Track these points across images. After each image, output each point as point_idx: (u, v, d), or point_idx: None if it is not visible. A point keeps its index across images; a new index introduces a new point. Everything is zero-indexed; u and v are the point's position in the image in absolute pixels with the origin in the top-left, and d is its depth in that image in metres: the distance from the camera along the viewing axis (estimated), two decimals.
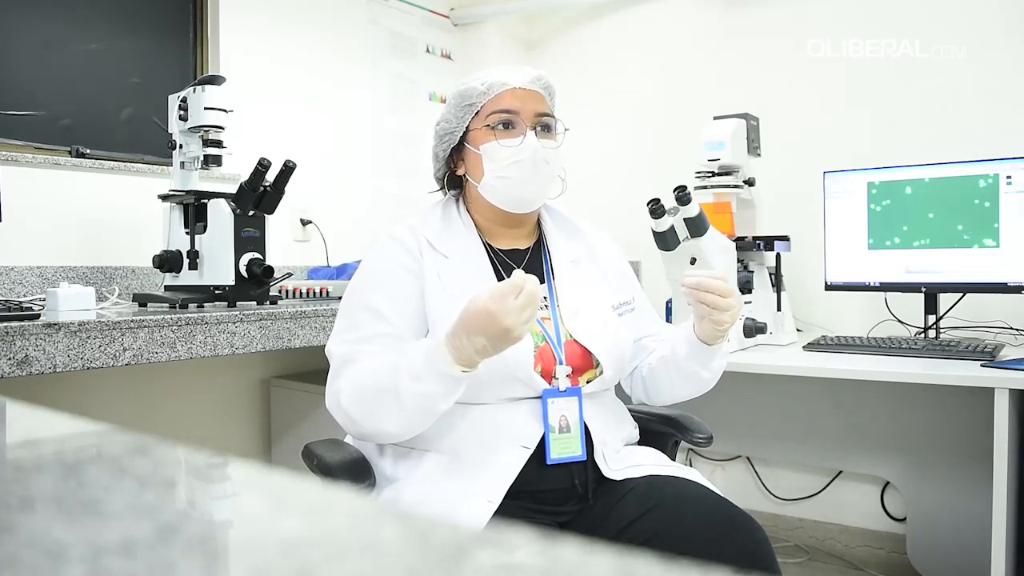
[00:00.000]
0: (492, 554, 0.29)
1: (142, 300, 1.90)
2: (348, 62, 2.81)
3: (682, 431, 1.41)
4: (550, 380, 1.20)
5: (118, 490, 0.39)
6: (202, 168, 1.97)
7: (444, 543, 0.31)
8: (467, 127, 1.28)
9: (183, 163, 1.98)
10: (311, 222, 2.63)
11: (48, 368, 1.35)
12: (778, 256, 2.32)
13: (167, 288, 1.96)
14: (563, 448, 1.17)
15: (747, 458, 2.73)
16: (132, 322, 1.48)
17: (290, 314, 1.78)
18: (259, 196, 1.89)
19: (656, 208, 1.85)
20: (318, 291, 2.21)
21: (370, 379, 1.13)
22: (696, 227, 1.89)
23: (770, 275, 2.32)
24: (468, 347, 1.04)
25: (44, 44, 2.11)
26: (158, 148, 2.16)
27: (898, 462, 2.30)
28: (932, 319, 2.17)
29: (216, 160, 1.95)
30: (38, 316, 1.40)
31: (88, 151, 2.14)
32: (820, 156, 2.52)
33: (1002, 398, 1.62)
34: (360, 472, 1.20)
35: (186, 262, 1.89)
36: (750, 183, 2.36)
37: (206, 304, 1.83)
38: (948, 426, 2.20)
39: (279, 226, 2.27)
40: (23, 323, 1.33)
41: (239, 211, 1.88)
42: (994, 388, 1.63)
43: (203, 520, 0.38)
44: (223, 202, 1.89)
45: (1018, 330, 2.18)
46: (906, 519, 2.37)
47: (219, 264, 1.87)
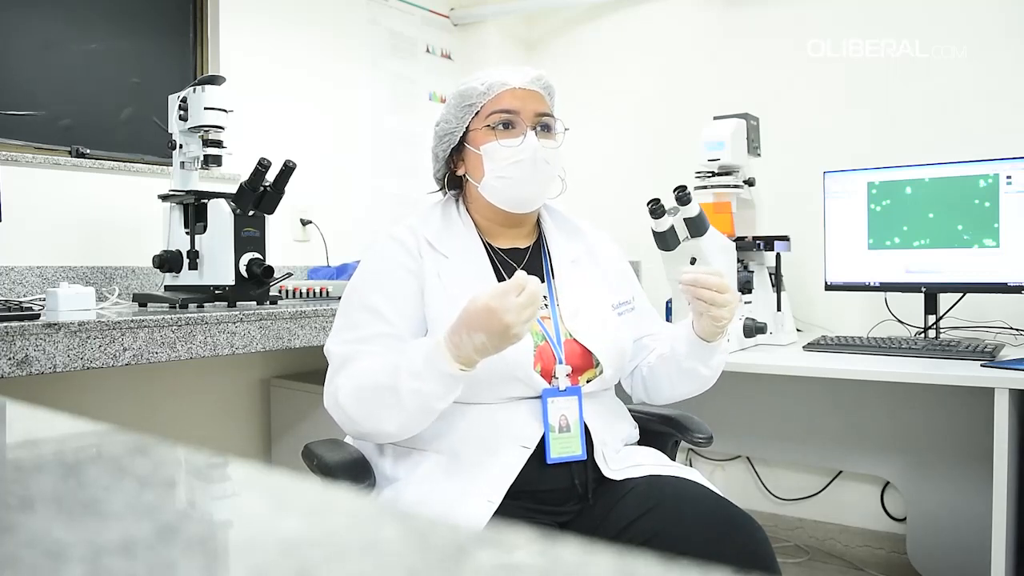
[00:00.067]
0: (492, 554, 0.29)
1: (142, 300, 1.90)
2: (348, 62, 2.81)
3: (682, 431, 1.41)
4: (550, 379, 1.20)
5: (118, 490, 0.39)
6: (202, 168, 1.97)
7: (444, 543, 0.31)
8: (467, 127, 1.29)
9: (183, 163, 1.98)
10: (311, 222, 2.63)
11: (48, 368, 1.35)
12: (778, 256, 2.32)
13: (167, 288, 1.96)
14: (563, 448, 1.17)
15: (747, 458, 2.73)
16: (132, 322, 1.48)
17: (290, 314, 1.78)
18: (259, 196, 1.89)
19: (656, 208, 1.85)
20: (318, 291, 2.21)
21: (369, 378, 1.13)
22: (696, 227, 1.89)
23: (770, 275, 2.32)
24: (468, 345, 1.04)
25: (44, 44, 2.11)
26: (158, 148, 2.16)
27: (898, 462, 2.30)
28: (932, 319, 2.17)
29: (216, 160, 1.95)
30: (38, 316, 1.41)
31: (88, 151, 2.14)
32: (820, 156, 2.52)
33: (1002, 398, 1.62)
34: (360, 472, 1.20)
35: (186, 262, 1.89)
36: (750, 183, 2.36)
37: (206, 304, 1.83)
38: (948, 426, 2.20)
39: (279, 226, 2.28)
40: (23, 323, 1.33)
41: (239, 211, 1.88)
42: (994, 388, 1.63)
43: (203, 520, 0.38)
44: (223, 202, 1.89)
45: (1018, 330, 2.18)
46: (906, 519, 2.37)
47: (219, 264, 1.87)
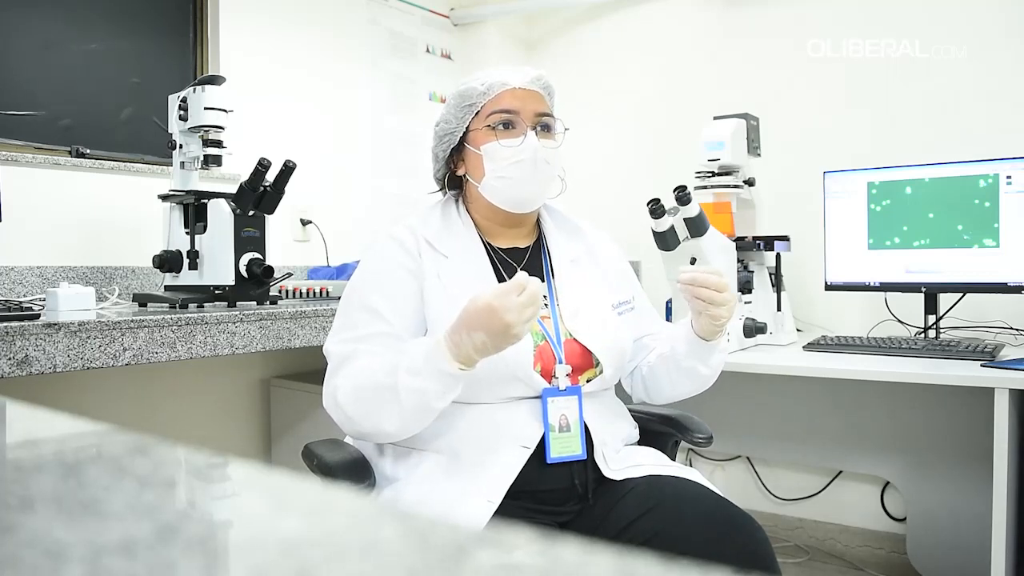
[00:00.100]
0: (492, 554, 0.29)
1: (142, 300, 1.90)
2: (348, 62, 2.81)
3: (682, 431, 1.41)
4: (550, 379, 1.20)
5: (118, 490, 0.39)
6: (202, 168, 1.97)
7: (444, 543, 0.31)
8: (467, 127, 1.29)
9: (183, 163, 1.98)
10: (311, 222, 2.63)
11: (48, 368, 1.35)
12: (778, 256, 2.32)
13: (167, 288, 1.96)
14: (563, 447, 1.17)
15: (747, 458, 2.73)
16: (132, 322, 1.48)
17: (290, 314, 1.78)
18: (259, 196, 1.89)
19: (656, 208, 1.85)
20: (318, 291, 2.21)
21: (368, 377, 1.13)
22: (696, 227, 1.88)
23: (770, 275, 2.32)
24: (467, 343, 1.04)
25: (44, 44, 2.11)
26: (158, 148, 2.16)
27: (898, 462, 2.30)
28: (932, 319, 2.17)
29: (216, 160, 1.95)
30: (38, 316, 1.41)
31: (88, 151, 2.14)
32: (820, 156, 2.52)
33: (1002, 398, 1.62)
34: (360, 472, 1.20)
35: (186, 262, 1.89)
36: (750, 183, 2.36)
37: (206, 304, 1.83)
38: (948, 426, 2.20)
39: (279, 226, 2.28)
40: (23, 323, 1.33)
41: (239, 211, 1.88)
42: (994, 388, 1.63)
43: (203, 520, 0.38)
44: (223, 202, 1.89)
45: (1018, 330, 2.18)
46: (906, 519, 2.37)
47: (219, 264, 1.87)
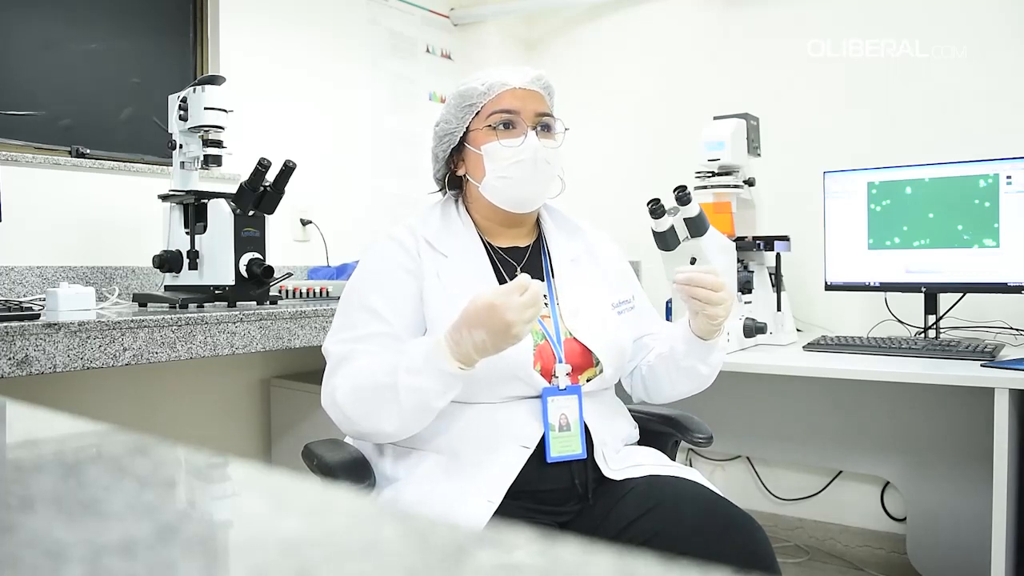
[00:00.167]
0: (492, 554, 0.29)
1: (142, 300, 1.90)
2: (348, 62, 2.81)
3: (682, 431, 1.41)
4: (550, 378, 1.20)
5: (118, 490, 0.39)
6: (202, 168, 1.97)
7: (444, 543, 0.31)
8: (467, 127, 1.29)
9: (183, 163, 1.98)
10: (311, 222, 2.63)
11: (48, 368, 1.35)
12: (778, 256, 2.32)
13: (167, 288, 1.96)
14: (563, 446, 1.17)
15: (747, 458, 2.73)
16: (132, 322, 1.48)
17: (290, 314, 1.78)
18: (259, 196, 1.89)
19: (656, 208, 1.85)
20: (318, 291, 2.21)
21: (367, 377, 1.13)
22: (696, 227, 1.88)
23: (770, 275, 2.32)
24: (468, 342, 1.05)
25: (44, 44, 2.11)
26: (158, 148, 2.16)
27: (898, 462, 2.30)
28: (932, 319, 2.17)
29: (216, 160, 1.95)
30: (38, 316, 1.41)
31: (88, 151, 2.14)
32: (820, 156, 2.52)
33: (1002, 398, 1.62)
34: (360, 472, 1.20)
35: (186, 262, 1.89)
36: (750, 183, 2.36)
37: (206, 304, 1.83)
38: (948, 426, 2.20)
39: (279, 226, 2.27)
40: (23, 323, 1.33)
41: (239, 211, 1.88)
42: (994, 388, 1.63)
43: (203, 520, 0.38)
44: (223, 202, 1.89)
45: (1018, 330, 2.18)
46: (906, 519, 2.37)
47: (219, 264, 1.87)
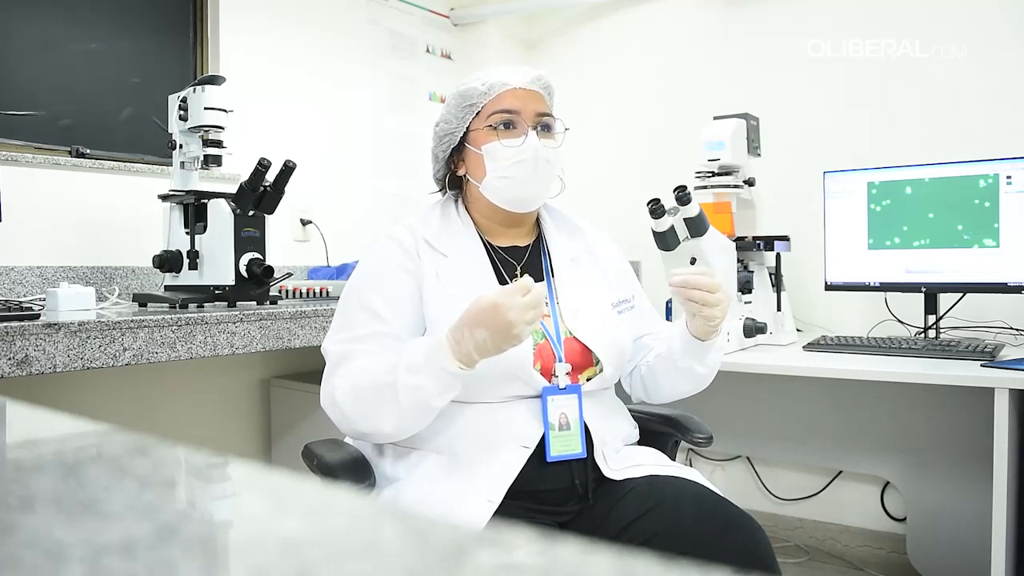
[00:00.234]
0: (492, 554, 0.29)
1: (142, 300, 1.90)
2: (348, 62, 2.81)
3: (682, 431, 1.41)
4: (550, 378, 1.20)
5: (118, 490, 0.39)
6: (202, 168, 1.97)
7: (444, 543, 0.31)
8: (468, 127, 1.29)
9: (183, 163, 1.98)
10: (311, 222, 2.63)
11: (48, 368, 1.35)
12: (778, 256, 2.32)
13: (167, 288, 1.96)
14: (563, 446, 1.17)
15: (747, 458, 2.73)
16: (132, 322, 1.48)
17: (290, 314, 1.78)
18: (259, 196, 1.89)
19: (656, 208, 1.85)
20: (318, 291, 2.21)
21: (367, 377, 1.13)
22: (696, 227, 1.88)
23: (770, 275, 2.32)
24: (469, 341, 1.05)
25: (44, 44, 2.11)
26: (158, 148, 2.16)
27: (898, 462, 2.30)
28: (932, 319, 2.17)
29: (216, 160, 1.95)
30: (38, 316, 1.40)
31: (88, 151, 2.14)
32: (820, 156, 2.52)
33: (1002, 398, 1.62)
34: (360, 472, 1.20)
35: (186, 262, 1.89)
36: (750, 183, 2.36)
37: (206, 304, 1.83)
38: (948, 426, 2.20)
39: (279, 226, 2.27)
40: (23, 323, 1.33)
41: (239, 211, 1.88)
42: (994, 388, 1.63)
43: (203, 520, 0.38)
44: (223, 202, 1.89)
45: (1018, 330, 2.18)
46: (906, 519, 2.37)
47: (219, 264, 1.87)
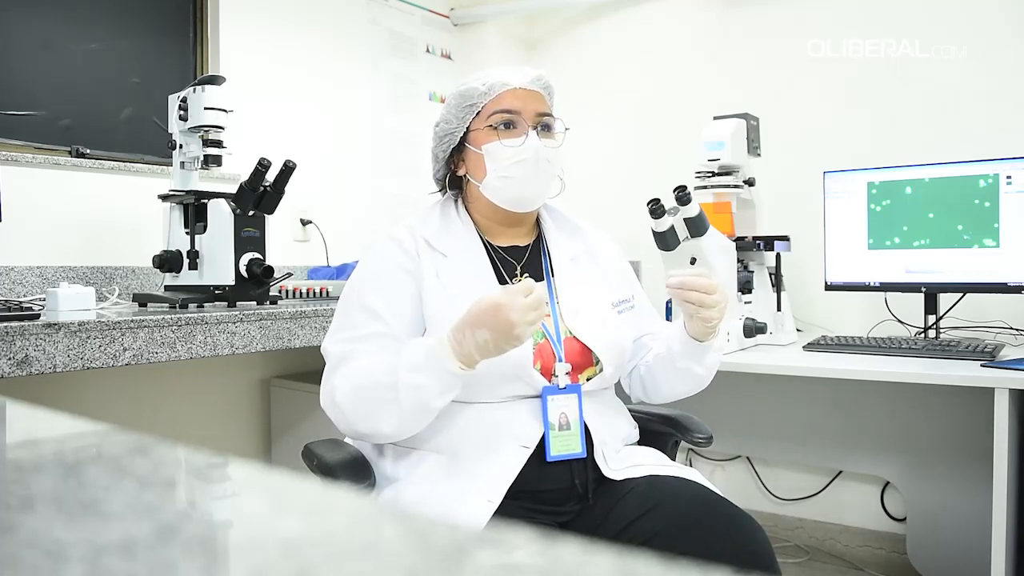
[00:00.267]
0: (492, 554, 0.29)
1: (142, 300, 1.90)
2: (348, 62, 2.81)
3: (682, 431, 1.41)
4: (549, 378, 1.20)
5: (118, 490, 0.39)
6: (202, 168, 1.97)
7: (444, 543, 0.31)
8: (468, 127, 1.29)
9: (183, 163, 1.98)
10: (311, 222, 2.63)
11: (48, 368, 1.35)
12: (778, 256, 2.32)
13: (167, 288, 1.96)
14: (563, 445, 1.17)
15: (747, 458, 2.73)
16: (132, 322, 1.48)
17: (290, 314, 1.78)
18: (259, 196, 1.89)
19: (656, 208, 1.85)
20: (318, 291, 2.21)
21: (367, 377, 1.13)
22: (696, 227, 1.88)
23: (770, 275, 2.32)
24: (470, 341, 1.05)
25: (44, 44, 2.11)
26: (158, 148, 2.16)
27: (898, 462, 2.30)
28: (932, 319, 2.17)
29: (216, 160, 1.95)
30: (38, 316, 1.41)
31: (88, 151, 2.14)
32: (820, 156, 2.52)
33: (1002, 398, 1.62)
34: (360, 472, 1.20)
35: (186, 262, 1.89)
36: (750, 183, 2.36)
37: (206, 304, 1.83)
38: (948, 426, 2.20)
39: (279, 226, 2.27)
40: (23, 323, 1.33)
41: (239, 211, 1.88)
42: (994, 388, 1.63)
43: (203, 520, 0.38)
44: (223, 202, 1.89)
45: (1018, 330, 2.18)
46: (906, 519, 2.37)
47: (219, 264, 1.87)
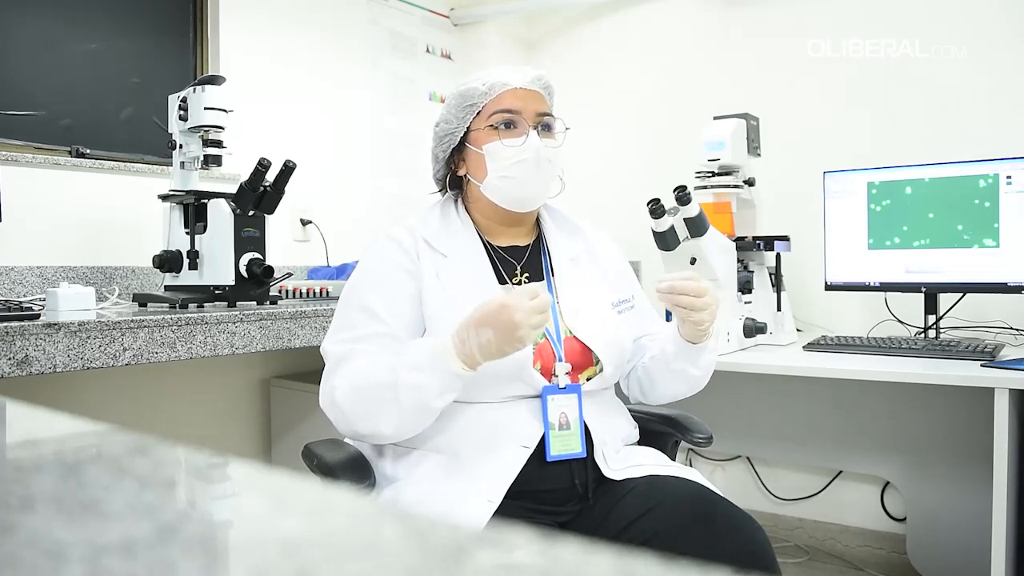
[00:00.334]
0: (492, 554, 0.29)
1: (142, 300, 1.90)
2: (348, 62, 2.81)
3: (682, 431, 1.41)
4: (549, 377, 1.20)
5: (118, 490, 0.39)
6: (202, 168, 1.97)
7: (444, 543, 0.31)
8: (468, 127, 1.29)
9: (183, 163, 1.98)
10: (311, 222, 2.63)
11: (48, 368, 1.35)
12: (778, 256, 2.32)
13: (167, 288, 1.96)
14: (563, 445, 1.17)
15: (747, 458, 2.73)
16: (132, 322, 1.48)
17: (290, 314, 1.78)
18: (259, 196, 1.89)
19: (656, 208, 1.85)
20: (318, 291, 2.21)
21: (367, 377, 1.13)
22: (696, 227, 1.88)
23: (770, 275, 2.32)
24: (473, 341, 1.05)
25: (44, 44, 2.11)
26: (158, 148, 2.16)
27: (898, 462, 2.30)
28: (932, 319, 2.17)
29: (216, 160, 1.95)
30: (38, 316, 1.41)
31: (88, 151, 2.14)
32: (820, 156, 2.52)
33: (1002, 398, 1.62)
34: (360, 472, 1.20)
35: (186, 262, 1.89)
36: (750, 183, 2.36)
37: (206, 304, 1.83)
38: (948, 426, 2.20)
39: (279, 226, 2.27)
40: (23, 323, 1.33)
41: (239, 211, 1.88)
42: (994, 388, 1.63)
43: (203, 520, 0.38)
44: (223, 202, 1.89)
45: (1018, 330, 2.18)
46: (906, 519, 2.37)
47: (219, 264, 1.87)
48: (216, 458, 0.45)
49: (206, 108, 1.91)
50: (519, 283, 1.29)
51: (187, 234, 1.91)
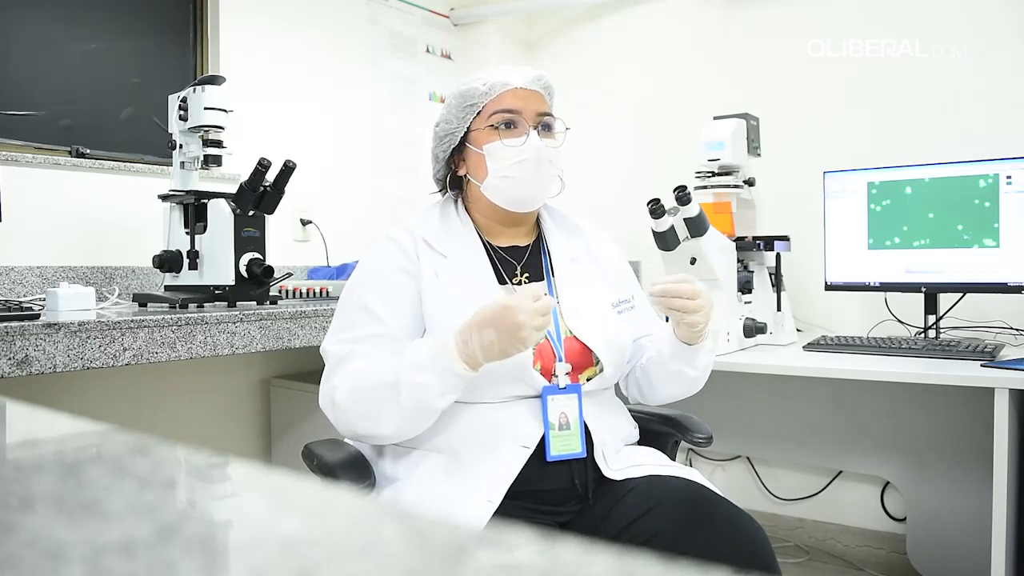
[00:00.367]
0: (492, 554, 0.29)
1: (142, 300, 1.90)
2: (348, 62, 2.81)
3: (682, 431, 1.41)
4: (549, 377, 1.20)
5: (118, 490, 0.39)
6: (202, 168, 1.97)
7: (444, 543, 0.31)
8: (468, 127, 1.29)
9: (183, 163, 1.98)
10: (311, 222, 2.63)
11: (48, 368, 1.35)
12: (778, 256, 2.32)
13: (167, 288, 1.96)
14: (563, 445, 1.17)
15: (747, 458, 2.73)
16: (132, 322, 1.48)
17: (290, 314, 1.78)
18: (259, 196, 1.89)
19: (656, 208, 1.85)
20: (318, 291, 2.21)
21: (367, 378, 1.13)
22: (696, 227, 1.88)
23: (770, 275, 2.32)
24: (475, 341, 1.05)
25: (44, 44, 2.11)
26: (158, 148, 2.16)
27: (898, 462, 2.30)
28: (932, 319, 2.17)
29: (216, 160, 1.95)
30: (38, 316, 1.41)
31: (88, 151, 2.14)
32: (820, 156, 2.52)
33: (1002, 398, 1.62)
34: (360, 472, 1.20)
35: (186, 262, 1.89)
36: (750, 183, 2.36)
37: (206, 304, 1.83)
38: (948, 426, 2.20)
39: (279, 226, 2.27)
40: (23, 323, 1.33)
41: (239, 211, 1.88)
42: (994, 388, 1.63)
43: (203, 520, 0.38)
44: (223, 202, 1.89)
45: (1018, 330, 2.18)
46: (906, 519, 2.37)
47: (219, 264, 1.87)
48: (216, 458, 0.45)
49: (206, 108, 1.91)
50: (519, 283, 1.29)
51: (187, 234, 1.91)
